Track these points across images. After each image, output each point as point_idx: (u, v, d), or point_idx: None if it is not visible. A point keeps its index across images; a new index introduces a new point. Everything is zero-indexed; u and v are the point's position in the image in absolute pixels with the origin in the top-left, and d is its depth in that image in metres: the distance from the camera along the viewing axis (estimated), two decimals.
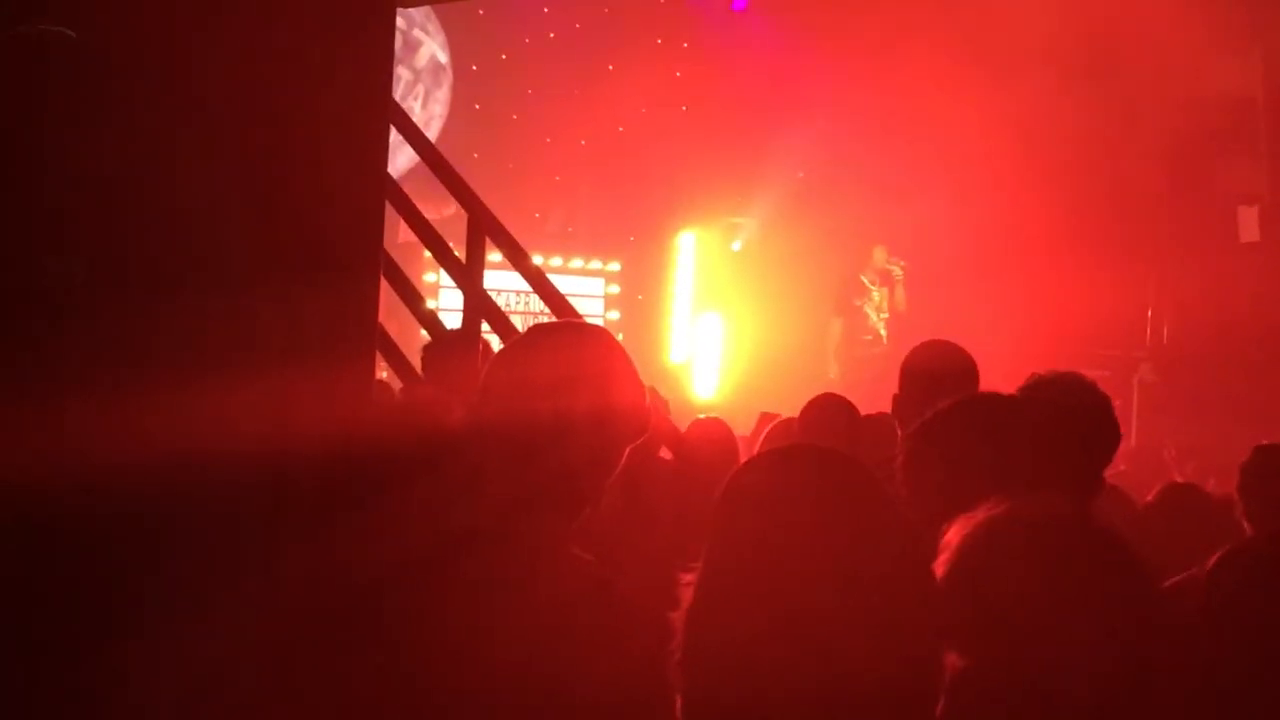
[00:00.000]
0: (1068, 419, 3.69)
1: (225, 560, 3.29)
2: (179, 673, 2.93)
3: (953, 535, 2.06)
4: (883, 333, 13.63)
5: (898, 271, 13.70)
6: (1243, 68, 13.39)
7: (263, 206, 3.65)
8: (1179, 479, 6.54)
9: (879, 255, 13.71)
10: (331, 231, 3.77)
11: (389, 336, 6.31)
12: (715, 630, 1.76)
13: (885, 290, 13.71)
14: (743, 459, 5.88)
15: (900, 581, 1.73)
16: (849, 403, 5.46)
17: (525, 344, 2.70)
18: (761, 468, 1.85)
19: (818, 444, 1.86)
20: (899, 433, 4.83)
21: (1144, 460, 9.57)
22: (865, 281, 13.69)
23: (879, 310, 13.67)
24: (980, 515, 2.08)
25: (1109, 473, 4.39)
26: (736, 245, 16.25)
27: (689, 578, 1.81)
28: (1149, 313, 13.65)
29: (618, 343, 2.63)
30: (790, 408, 5.88)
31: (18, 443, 2.87)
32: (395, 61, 7.28)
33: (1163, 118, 13.32)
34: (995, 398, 3.18)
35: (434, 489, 2.62)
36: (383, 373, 7.56)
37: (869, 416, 5.38)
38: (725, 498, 1.84)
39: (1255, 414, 11.27)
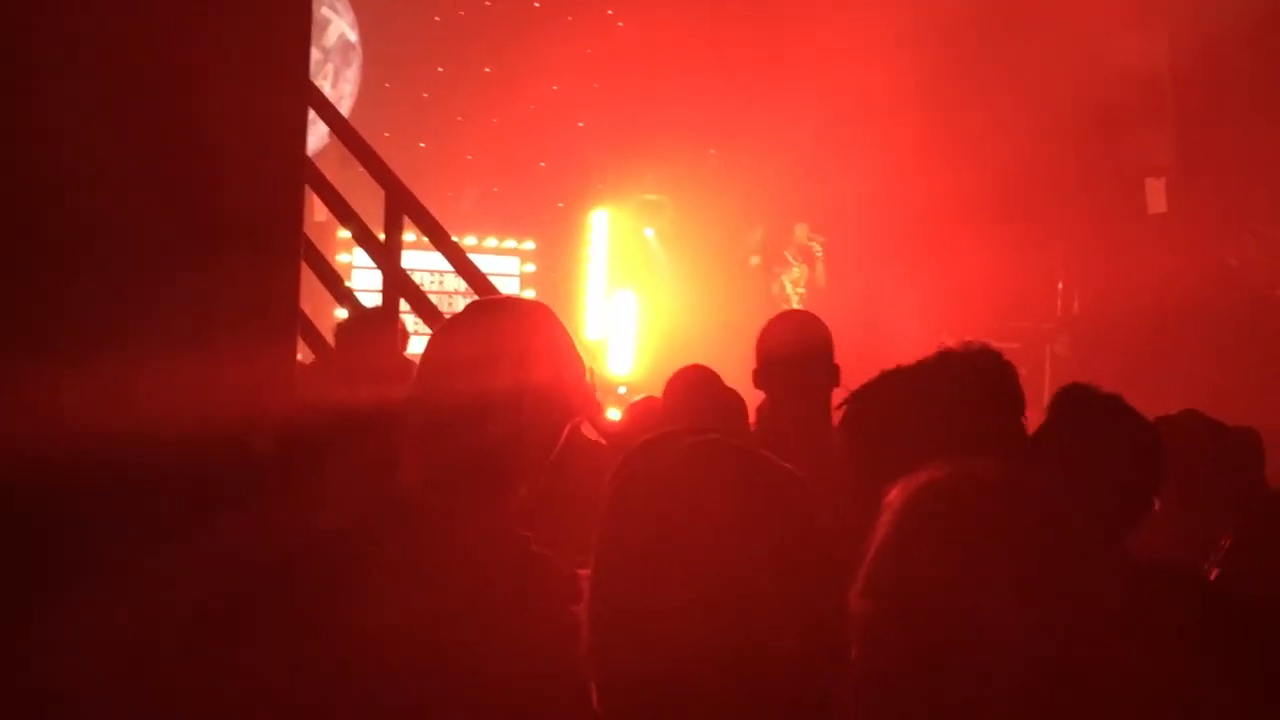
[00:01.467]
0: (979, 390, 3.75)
1: (144, 541, 3.25)
2: (94, 655, 2.90)
3: (894, 495, 2.08)
4: (796, 307, 13.68)
5: (818, 248, 13.78)
6: (1149, 42, 13.58)
7: (176, 184, 3.59)
8: None
9: (800, 232, 13.79)
10: (250, 210, 3.71)
11: (307, 318, 6.24)
12: (616, 616, 1.76)
13: (805, 267, 13.77)
14: None
15: (799, 547, 1.75)
16: (713, 376, 5.47)
17: (455, 322, 2.70)
18: (649, 454, 1.84)
19: (703, 428, 1.86)
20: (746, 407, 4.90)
21: None
22: (788, 256, 13.75)
23: (795, 284, 13.74)
24: (922, 476, 2.11)
25: None
26: (650, 232, 16.26)
27: (585, 572, 1.81)
28: (1060, 285, 13.83)
29: (551, 320, 2.61)
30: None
31: None
32: None
33: (1071, 92, 13.46)
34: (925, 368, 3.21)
35: (356, 467, 2.62)
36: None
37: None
38: (615, 486, 1.84)
39: (1162, 384, 11.44)
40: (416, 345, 8.52)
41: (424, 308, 6.36)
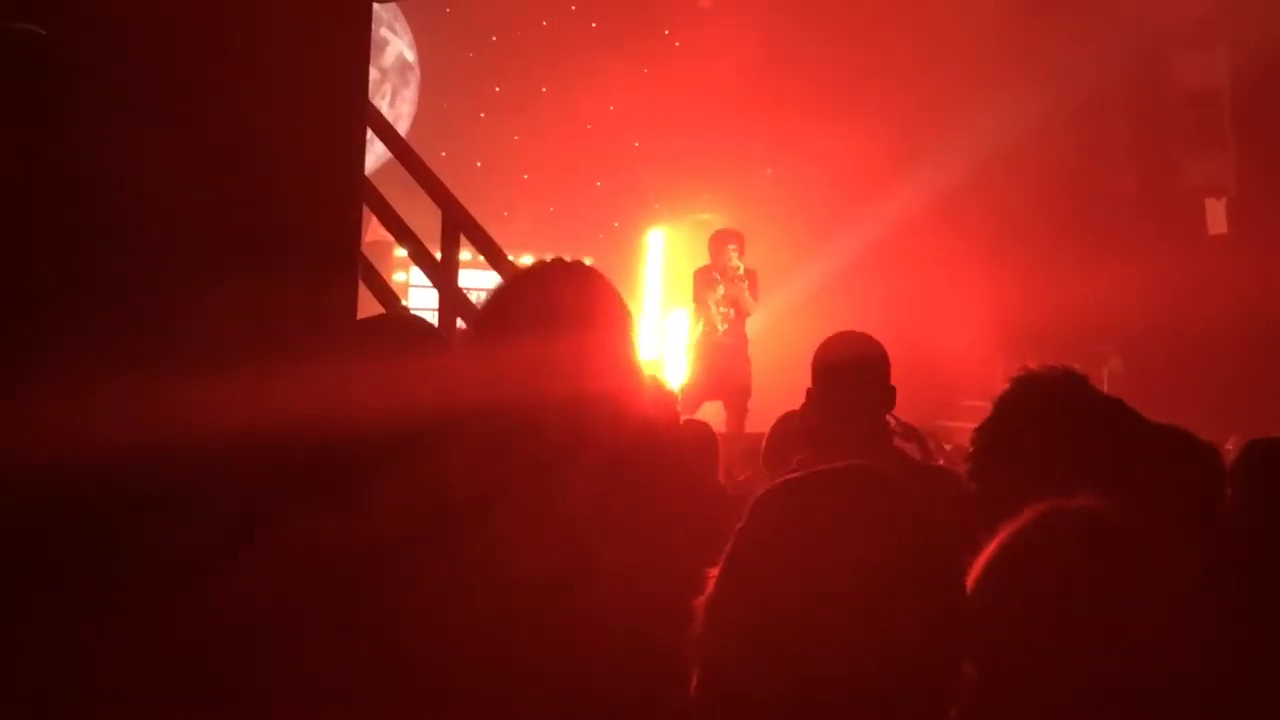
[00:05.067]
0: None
1: (222, 541, 3.29)
2: (183, 645, 2.93)
3: (998, 539, 2.10)
4: (720, 326, 13.26)
5: (739, 268, 13.29)
6: (1208, 62, 13.48)
7: (237, 206, 3.64)
8: None
9: (730, 253, 13.41)
10: (308, 226, 3.76)
11: None
12: (734, 619, 1.79)
13: (725, 285, 13.32)
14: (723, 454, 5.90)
15: (923, 594, 1.76)
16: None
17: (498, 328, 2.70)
18: (798, 487, 1.88)
19: (858, 464, 1.89)
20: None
21: None
22: (715, 276, 13.48)
23: (718, 304, 13.44)
24: (1024, 517, 2.12)
25: None
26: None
27: (714, 571, 1.84)
28: (1118, 305, 13.71)
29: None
30: (760, 401, 5.86)
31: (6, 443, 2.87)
32: None
33: (1130, 112, 13.39)
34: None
35: (426, 469, 2.63)
36: None
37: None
38: (760, 500, 1.87)
39: (1225, 405, 11.33)
40: None
41: None
